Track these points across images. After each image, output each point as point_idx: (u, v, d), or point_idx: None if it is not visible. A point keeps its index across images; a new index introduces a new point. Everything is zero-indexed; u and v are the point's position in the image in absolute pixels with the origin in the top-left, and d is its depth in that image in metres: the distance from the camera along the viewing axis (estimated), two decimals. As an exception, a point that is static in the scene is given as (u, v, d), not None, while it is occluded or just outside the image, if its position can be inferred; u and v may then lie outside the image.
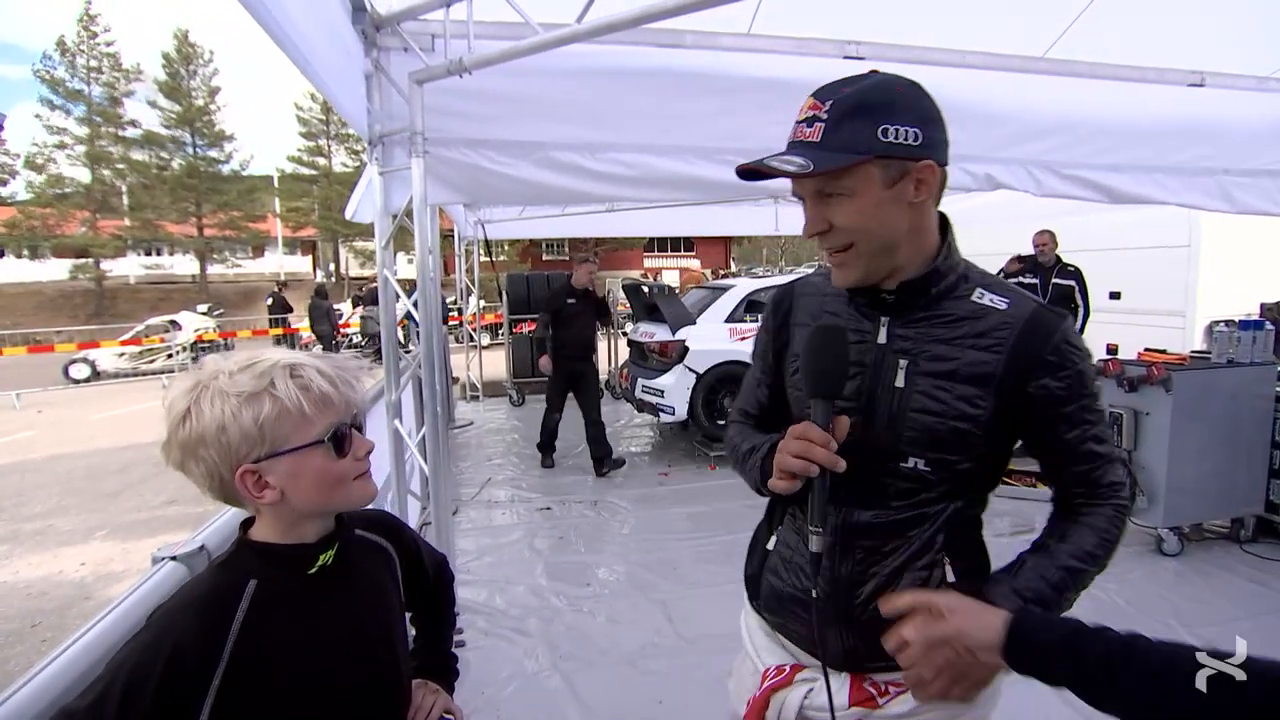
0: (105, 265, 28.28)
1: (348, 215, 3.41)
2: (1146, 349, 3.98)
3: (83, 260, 27.76)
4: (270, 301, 17.01)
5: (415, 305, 2.98)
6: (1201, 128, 3.47)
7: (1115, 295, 7.26)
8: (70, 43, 26.79)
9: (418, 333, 5.54)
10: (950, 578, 0.98)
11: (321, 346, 14.35)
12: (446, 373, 8.58)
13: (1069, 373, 0.95)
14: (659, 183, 3.03)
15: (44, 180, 26.32)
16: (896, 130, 0.89)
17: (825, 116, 0.91)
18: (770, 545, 1.13)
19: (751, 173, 0.96)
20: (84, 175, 27.15)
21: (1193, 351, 4.14)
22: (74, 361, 14.16)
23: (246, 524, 0.91)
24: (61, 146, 26.50)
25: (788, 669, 1.08)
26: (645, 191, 3.08)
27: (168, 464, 0.84)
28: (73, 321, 23.27)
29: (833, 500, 0.95)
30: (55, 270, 28.10)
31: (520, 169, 2.86)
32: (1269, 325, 3.88)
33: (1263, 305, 5.99)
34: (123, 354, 14.78)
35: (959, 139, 1.06)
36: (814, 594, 0.96)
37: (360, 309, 16.39)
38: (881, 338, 1.00)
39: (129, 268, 30.06)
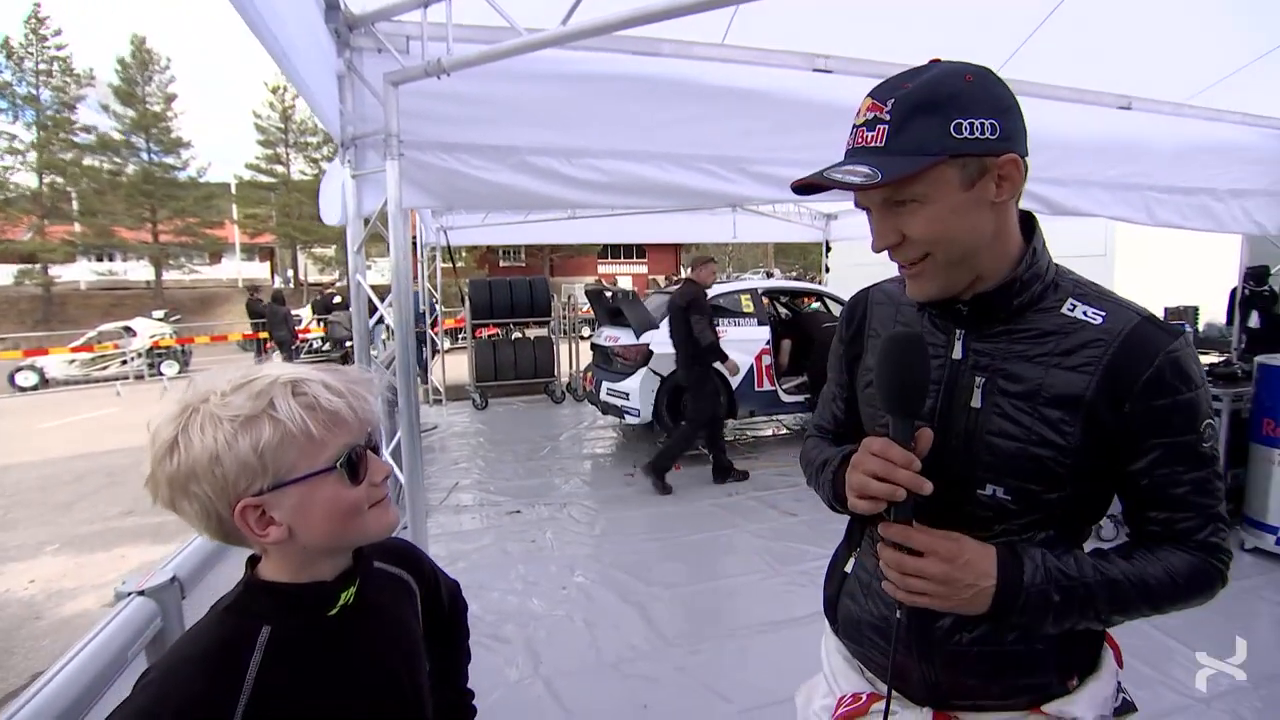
0: (54, 271, 26.41)
1: (323, 217, 3.18)
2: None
3: (29, 265, 25.89)
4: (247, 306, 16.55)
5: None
6: (1130, 146, 3.56)
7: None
8: (17, 45, 25.03)
9: (383, 340, 5.28)
10: None
11: (281, 352, 13.69)
12: (422, 377, 8.32)
13: (1168, 402, 0.79)
14: (633, 189, 2.91)
15: (-12, 185, 24.48)
16: (971, 124, 0.76)
17: (888, 117, 0.78)
18: (848, 569, 1.00)
19: (808, 186, 0.82)
20: (31, 180, 25.33)
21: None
22: (20, 369, 13.13)
23: (252, 560, 0.76)
24: (14, 153, 24.65)
25: (864, 697, 0.97)
26: (619, 198, 2.96)
27: (155, 503, 0.68)
28: (19, 328, 21.63)
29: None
30: (-1, 276, 26.17)
31: (496, 173, 2.70)
32: (1188, 328, 4.02)
33: (1166, 309, 6.27)
34: (73, 361, 13.78)
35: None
36: (898, 613, 0.85)
37: (320, 315, 15.81)
38: (956, 353, 0.88)
39: (79, 273, 28.10)
